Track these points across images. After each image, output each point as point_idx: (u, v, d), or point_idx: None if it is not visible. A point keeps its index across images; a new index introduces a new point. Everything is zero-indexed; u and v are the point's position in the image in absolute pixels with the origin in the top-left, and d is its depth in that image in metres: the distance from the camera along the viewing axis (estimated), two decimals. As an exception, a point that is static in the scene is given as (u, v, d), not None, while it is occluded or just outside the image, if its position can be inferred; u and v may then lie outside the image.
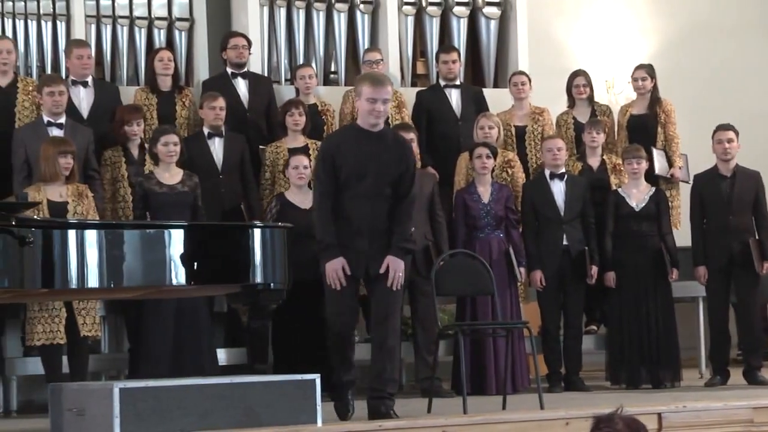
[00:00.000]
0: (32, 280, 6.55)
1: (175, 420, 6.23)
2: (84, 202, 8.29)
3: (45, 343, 8.23)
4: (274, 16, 10.45)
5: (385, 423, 6.68)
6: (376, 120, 6.88)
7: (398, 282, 6.91)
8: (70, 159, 8.28)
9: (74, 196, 8.28)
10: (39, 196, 8.18)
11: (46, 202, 8.21)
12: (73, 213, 8.20)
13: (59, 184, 8.28)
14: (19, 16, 9.88)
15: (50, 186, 8.27)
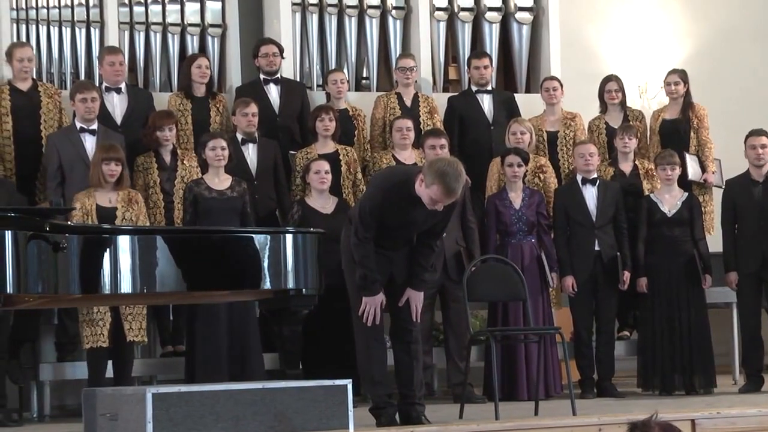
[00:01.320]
0: (66, 285, 6.59)
1: (208, 425, 6.26)
2: (134, 208, 8.34)
3: (92, 347, 8.28)
4: (306, 22, 10.47)
5: (417, 429, 6.67)
6: (433, 207, 6.88)
7: (419, 314, 7.12)
8: (115, 165, 8.32)
9: (124, 202, 8.32)
10: (89, 201, 8.25)
11: (95, 207, 8.27)
12: (121, 219, 8.25)
13: (109, 189, 8.33)
14: (53, 23, 9.93)
15: (100, 192, 8.33)
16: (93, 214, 8.25)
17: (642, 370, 9.27)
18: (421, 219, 6.93)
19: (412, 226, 7.00)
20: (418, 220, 6.93)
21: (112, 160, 8.35)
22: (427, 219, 6.94)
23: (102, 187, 8.33)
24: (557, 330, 8.01)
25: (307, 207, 8.93)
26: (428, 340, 8.99)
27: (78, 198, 8.32)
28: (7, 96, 9.10)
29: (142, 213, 8.44)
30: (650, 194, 9.36)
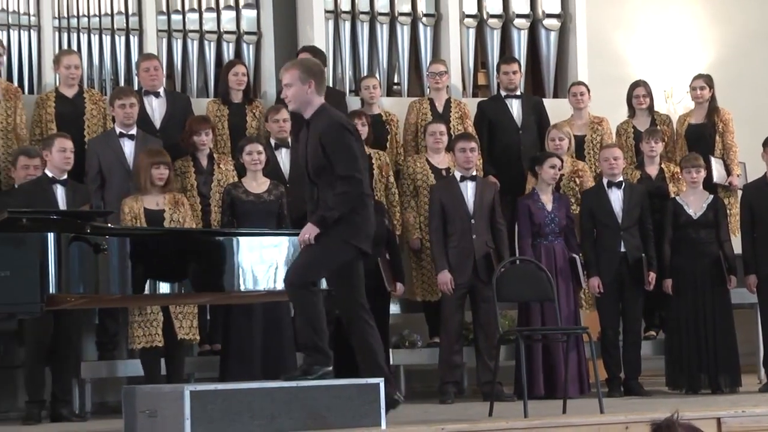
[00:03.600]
0: (106, 286, 6.64)
1: (244, 422, 6.27)
2: (180, 210, 8.40)
3: (145, 346, 8.34)
4: (339, 29, 10.51)
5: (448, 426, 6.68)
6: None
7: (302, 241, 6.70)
8: (164, 169, 8.39)
9: (171, 205, 8.38)
10: (137, 205, 8.31)
11: (143, 210, 8.33)
12: (169, 221, 8.31)
13: (156, 192, 8.38)
14: (94, 31, 10.00)
15: (147, 195, 8.38)
16: (141, 216, 8.31)
17: (668, 369, 9.25)
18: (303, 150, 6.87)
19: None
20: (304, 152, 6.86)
21: (161, 164, 8.41)
22: (308, 148, 6.80)
23: (149, 191, 8.38)
24: (585, 330, 8.00)
25: (340, 210, 8.94)
26: (458, 339, 9.01)
27: (126, 202, 8.38)
28: (53, 103, 9.17)
29: (189, 215, 8.50)
30: (676, 197, 9.34)
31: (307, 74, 6.73)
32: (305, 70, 6.76)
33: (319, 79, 6.78)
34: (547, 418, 7.14)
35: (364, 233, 6.72)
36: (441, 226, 8.91)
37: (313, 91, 6.71)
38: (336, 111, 6.95)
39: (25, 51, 9.80)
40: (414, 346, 9.61)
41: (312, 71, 6.77)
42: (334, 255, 6.67)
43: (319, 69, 6.86)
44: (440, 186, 9.12)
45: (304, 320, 6.73)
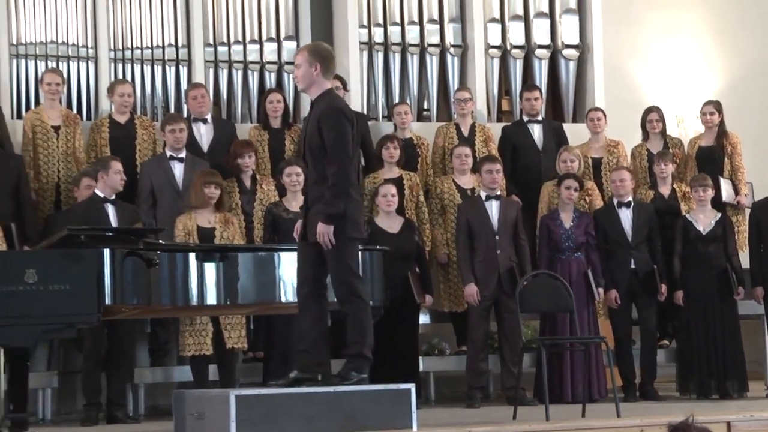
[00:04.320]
0: (158, 297, 6.66)
1: (285, 424, 6.28)
2: (230, 228, 8.41)
3: (195, 353, 8.36)
4: (372, 59, 10.53)
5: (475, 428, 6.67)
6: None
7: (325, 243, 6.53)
8: (214, 189, 8.41)
9: (221, 223, 8.40)
10: (190, 222, 8.34)
11: (196, 227, 8.36)
12: (219, 238, 8.32)
13: (209, 211, 8.41)
14: (147, 62, 10.05)
15: (200, 213, 8.41)
16: (194, 233, 8.34)
17: (680, 375, 9.21)
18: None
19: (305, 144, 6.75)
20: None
21: (212, 184, 8.45)
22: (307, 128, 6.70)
23: (202, 208, 8.41)
24: (602, 339, 8.00)
25: (375, 226, 8.96)
26: (484, 347, 9.00)
27: (181, 219, 8.41)
28: (107, 128, 9.23)
29: (238, 233, 8.52)
30: (686, 214, 9.32)
31: (314, 57, 6.64)
32: (313, 53, 6.67)
33: (326, 63, 6.64)
34: (567, 422, 7.13)
35: (357, 223, 6.60)
36: (467, 243, 8.92)
37: (319, 74, 6.61)
38: (340, 98, 6.81)
39: (84, 81, 9.87)
40: (443, 353, 9.59)
41: (321, 55, 6.67)
42: (350, 255, 6.57)
43: (327, 53, 6.73)
44: (467, 205, 9.12)
45: (354, 327, 6.65)
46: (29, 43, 9.77)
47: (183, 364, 8.75)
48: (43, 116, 9.13)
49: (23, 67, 9.72)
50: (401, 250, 8.66)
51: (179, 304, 6.79)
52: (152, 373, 8.92)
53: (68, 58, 9.81)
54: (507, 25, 10.78)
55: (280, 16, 10.39)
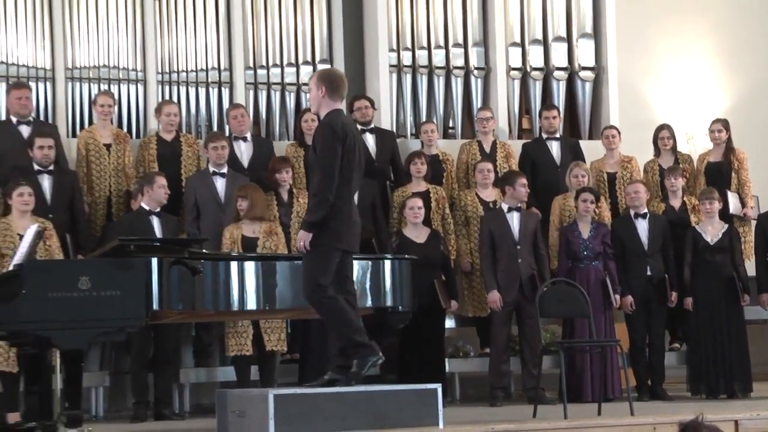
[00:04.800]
0: (202, 303, 6.67)
1: (320, 422, 6.27)
2: (273, 239, 8.42)
3: (237, 354, 8.37)
4: (401, 81, 10.54)
5: (498, 426, 6.64)
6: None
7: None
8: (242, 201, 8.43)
9: (265, 233, 8.42)
10: (236, 232, 8.37)
11: (240, 237, 8.38)
12: (262, 248, 8.33)
13: (255, 222, 8.41)
14: (191, 84, 10.10)
15: (246, 224, 8.43)
16: (239, 242, 8.37)
17: (690, 377, 9.16)
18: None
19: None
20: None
21: (240, 197, 8.47)
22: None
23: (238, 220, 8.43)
24: (617, 342, 7.96)
25: (403, 237, 8.95)
26: (506, 350, 8.98)
27: (228, 229, 8.46)
28: (154, 145, 9.27)
29: (281, 243, 8.52)
30: (695, 225, 9.28)
31: (321, 81, 6.62)
32: (320, 77, 6.68)
33: (332, 86, 6.59)
34: (584, 419, 7.10)
35: (344, 235, 6.44)
36: (490, 252, 8.90)
37: (325, 96, 6.56)
38: (338, 116, 6.60)
39: (133, 101, 9.91)
40: (467, 355, 9.58)
41: (327, 79, 6.65)
42: (327, 261, 6.41)
43: (333, 77, 6.70)
44: (489, 216, 9.11)
45: (332, 324, 6.54)
46: (83, 67, 9.83)
47: (225, 364, 8.78)
48: (95, 135, 9.17)
49: (78, 90, 9.79)
50: (428, 259, 8.66)
51: (221, 309, 6.80)
52: (197, 373, 8.95)
53: (119, 81, 9.87)
54: (527, 49, 10.76)
55: (315, 41, 10.42)
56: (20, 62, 9.65)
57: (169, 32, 10.07)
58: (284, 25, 10.34)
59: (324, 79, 6.66)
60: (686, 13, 11.75)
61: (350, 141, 6.46)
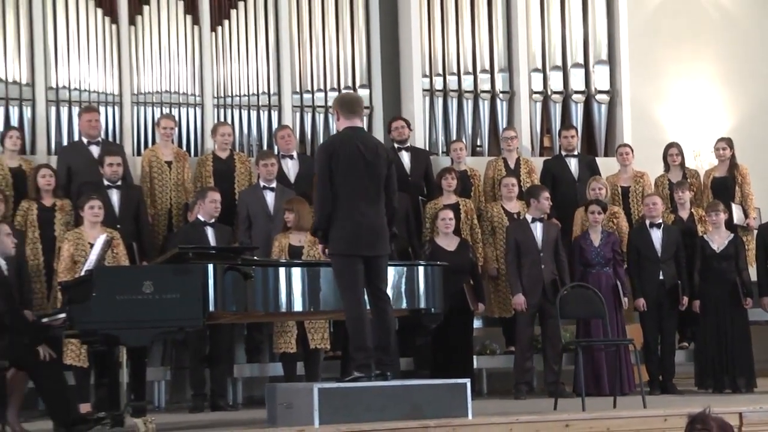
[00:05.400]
0: (253, 305, 6.68)
1: (360, 413, 6.26)
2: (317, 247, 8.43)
3: (284, 351, 8.40)
4: (433, 103, 10.55)
5: (522, 417, 6.63)
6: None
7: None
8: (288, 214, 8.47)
9: (310, 243, 8.40)
10: (284, 241, 8.41)
11: (288, 246, 8.41)
12: (306, 255, 8.34)
13: (300, 232, 8.45)
14: (244, 107, 10.15)
15: (293, 233, 8.46)
16: (286, 251, 8.39)
17: (698, 373, 9.10)
18: None
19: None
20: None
21: (286, 210, 8.51)
22: None
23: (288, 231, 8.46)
24: (630, 341, 7.94)
25: (435, 245, 8.96)
26: (529, 348, 8.96)
27: (277, 238, 8.49)
28: (210, 163, 9.32)
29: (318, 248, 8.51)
30: (703, 235, 9.23)
31: (335, 104, 6.67)
32: (334, 103, 6.73)
33: (343, 108, 6.55)
34: (600, 411, 7.06)
35: (349, 241, 6.35)
36: (516, 259, 8.89)
37: (339, 118, 6.58)
38: (338, 134, 6.62)
39: (191, 123, 9.98)
40: (494, 353, 9.57)
41: (338, 102, 6.66)
42: (340, 268, 6.43)
43: (345, 100, 6.68)
44: (514, 227, 9.10)
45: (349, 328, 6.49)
46: (147, 93, 9.90)
47: (274, 361, 8.80)
48: (158, 153, 9.24)
49: (142, 113, 9.86)
50: (458, 266, 8.66)
51: (271, 310, 6.80)
52: (249, 368, 8.97)
53: (179, 105, 9.94)
54: (548, 74, 10.75)
55: (355, 68, 10.45)
56: (91, 89, 9.74)
57: (224, 61, 10.14)
58: (327, 53, 10.37)
59: (336, 102, 6.70)
60: (693, 42, 11.71)
61: (341, 151, 6.39)
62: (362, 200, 6.39)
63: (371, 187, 6.43)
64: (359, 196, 6.39)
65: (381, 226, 6.45)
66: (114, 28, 9.84)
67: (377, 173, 6.45)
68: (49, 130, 9.57)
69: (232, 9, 10.21)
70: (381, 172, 6.47)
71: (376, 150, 6.51)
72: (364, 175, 6.41)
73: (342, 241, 6.38)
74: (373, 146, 6.53)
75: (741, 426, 6.70)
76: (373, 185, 6.44)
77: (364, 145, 6.47)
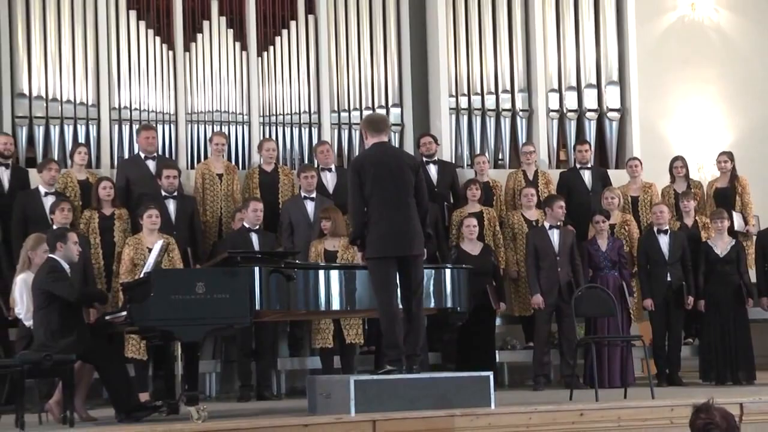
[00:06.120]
0: (295, 304, 6.68)
1: (392, 403, 6.26)
2: (350, 251, 8.40)
3: (323, 347, 8.39)
4: (459, 121, 10.51)
5: (540, 407, 6.59)
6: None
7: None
8: (326, 222, 8.47)
9: (343, 248, 8.41)
10: (320, 246, 8.41)
11: (323, 251, 8.40)
12: (341, 259, 8.34)
13: (335, 238, 8.44)
14: (287, 125, 10.16)
15: (328, 240, 8.46)
16: (322, 255, 8.39)
17: (702, 366, 9.01)
18: None
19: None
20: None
21: (324, 219, 8.50)
22: None
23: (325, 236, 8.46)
24: (639, 337, 7.88)
25: (461, 250, 8.94)
26: (547, 344, 8.91)
27: (314, 243, 8.49)
28: (257, 175, 9.34)
29: (357, 255, 8.50)
30: (707, 240, 9.15)
31: (363, 123, 6.70)
32: (362, 121, 6.76)
33: (370, 126, 6.57)
34: (612, 401, 7.01)
35: (379, 246, 6.35)
36: (534, 262, 8.84)
37: (367, 136, 6.60)
38: (365, 151, 6.65)
39: (240, 139, 10.01)
40: (514, 348, 9.52)
41: (366, 121, 6.69)
42: (375, 271, 6.44)
43: (371, 119, 6.69)
44: (534, 233, 9.05)
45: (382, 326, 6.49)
46: (200, 112, 9.95)
47: (314, 355, 8.79)
48: (210, 167, 9.27)
49: (195, 130, 9.90)
50: (481, 268, 8.63)
51: (311, 309, 6.79)
52: (291, 362, 8.98)
53: (228, 123, 9.97)
54: (563, 94, 10.70)
55: (388, 89, 10.44)
56: (150, 109, 9.80)
57: (269, 83, 10.16)
58: (362, 75, 10.37)
59: (364, 121, 6.74)
60: (697, 65, 11.63)
61: (368, 165, 6.41)
62: (390, 206, 6.40)
63: (398, 193, 6.43)
64: (387, 203, 6.40)
65: (411, 228, 6.44)
66: (170, 54, 9.89)
67: (403, 180, 6.45)
68: (112, 146, 9.63)
69: (276, 36, 10.23)
70: (407, 179, 6.46)
71: (400, 159, 6.52)
72: (390, 183, 6.41)
73: (373, 246, 6.40)
74: (397, 156, 6.56)
75: (741, 415, 6.63)
76: (400, 192, 6.44)
77: (389, 156, 6.50)
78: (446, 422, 6.18)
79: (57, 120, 9.50)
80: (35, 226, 8.03)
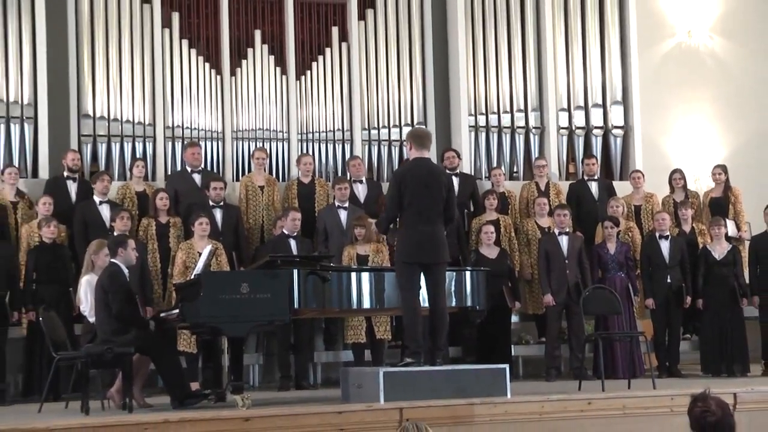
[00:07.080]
0: (330, 303, 6.69)
1: (417, 392, 6.25)
2: (380, 255, 8.41)
3: (355, 341, 8.39)
4: (477, 137, 10.49)
5: (552, 396, 6.56)
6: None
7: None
8: (360, 229, 8.47)
9: (374, 252, 8.42)
10: (352, 251, 8.40)
11: (356, 255, 8.40)
12: (371, 262, 8.33)
13: (366, 244, 8.43)
14: (323, 141, 10.17)
15: (360, 245, 8.46)
16: (354, 258, 8.39)
17: (701, 360, 8.93)
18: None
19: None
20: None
21: (357, 226, 8.50)
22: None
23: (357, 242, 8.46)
24: (642, 333, 7.86)
25: (479, 254, 8.91)
26: (557, 339, 8.85)
27: (347, 248, 8.48)
28: (295, 187, 9.37)
29: (386, 258, 8.51)
30: (706, 245, 9.09)
31: (408, 138, 6.68)
32: (408, 136, 6.74)
33: (415, 141, 6.55)
34: (617, 391, 6.98)
35: (408, 252, 6.36)
36: (546, 265, 8.81)
37: (411, 149, 6.59)
38: (407, 163, 6.68)
39: (280, 154, 10.03)
40: (528, 343, 9.49)
41: (411, 135, 6.68)
42: (401, 273, 6.46)
43: (416, 134, 6.68)
44: (545, 239, 9.01)
45: (404, 321, 6.51)
46: (244, 130, 9.99)
47: (347, 349, 8.79)
48: (253, 179, 9.31)
49: (240, 146, 9.95)
50: (498, 271, 8.60)
51: (345, 307, 6.80)
52: (326, 355, 8.99)
53: (270, 140, 10.00)
54: (572, 113, 10.66)
55: (414, 108, 10.43)
56: (199, 127, 9.85)
57: (306, 103, 10.18)
58: (390, 96, 10.38)
59: (409, 135, 6.74)
60: (694, 86, 11.54)
61: (409, 177, 6.45)
62: (423, 218, 6.44)
63: (430, 206, 6.47)
64: (421, 215, 6.45)
65: (438, 238, 6.47)
66: (218, 78, 9.95)
67: (436, 195, 6.49)
68: (166, 161, 9.69)
69: (313, 61, 10.27)
70: (439, 195, 6.50)
71: (436, 177, 6.56)
72: (427, 198, 6.46)
73: (404, 251, 6.44)
74: (434, 173, 6.58)
75: (735, 404, 6.57)
76: (432, 206, 6.48)
77: (427, 173, 6.53)
78: (467, 410, 6.18)
79: (117, 138, 9.58)
80: (95, 232, 8.11)
